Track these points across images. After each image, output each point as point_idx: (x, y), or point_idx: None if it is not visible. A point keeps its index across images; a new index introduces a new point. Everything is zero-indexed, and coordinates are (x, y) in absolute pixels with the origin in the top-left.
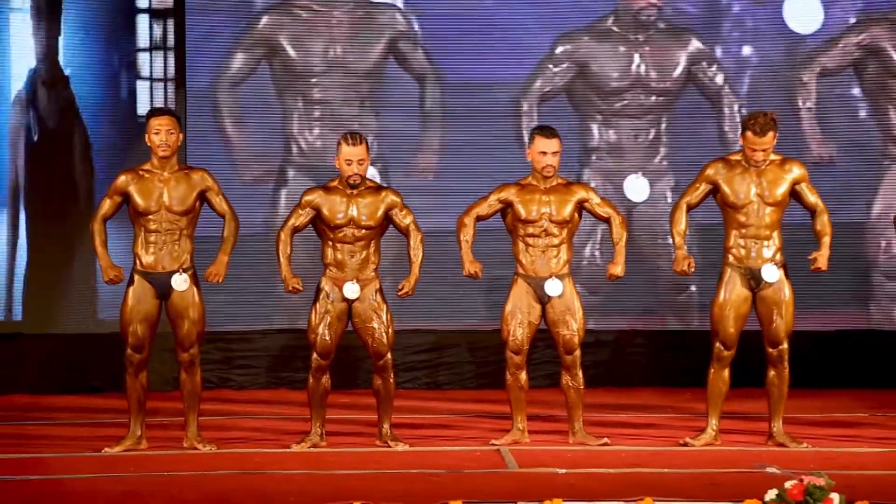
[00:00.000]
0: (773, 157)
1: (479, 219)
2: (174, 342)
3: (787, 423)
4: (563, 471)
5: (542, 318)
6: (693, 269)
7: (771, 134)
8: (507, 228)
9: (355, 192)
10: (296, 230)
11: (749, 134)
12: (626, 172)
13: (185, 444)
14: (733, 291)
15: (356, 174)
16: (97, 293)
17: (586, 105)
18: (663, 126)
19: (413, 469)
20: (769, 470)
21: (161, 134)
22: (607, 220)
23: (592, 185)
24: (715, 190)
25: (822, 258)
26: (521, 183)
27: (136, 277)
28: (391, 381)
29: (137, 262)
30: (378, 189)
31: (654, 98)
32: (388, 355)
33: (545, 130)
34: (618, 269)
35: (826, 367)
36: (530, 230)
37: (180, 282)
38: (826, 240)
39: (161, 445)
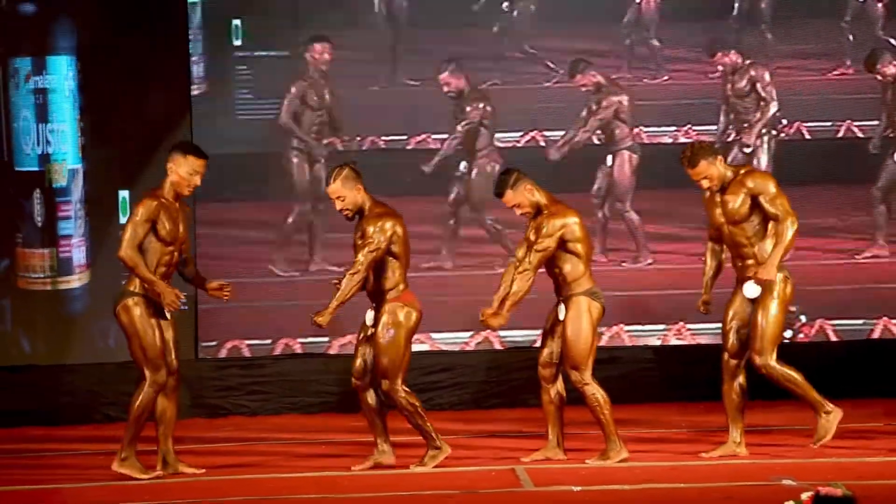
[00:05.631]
0: (741, 172)
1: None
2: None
3: (802, 434)
4: (579, 488)
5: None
6: (710, 312)
7: (703, 163)
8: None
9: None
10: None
11: (686, 169)
12: None
13: (168, 470)
14: (734, 303)
15: (341, 211)
16: (107, 322)
17: None
18: None
19: (428, 490)
20: (785, 482)
21: (197, 177)
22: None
23: None
24: None
25: (763, 269)
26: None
27: (143, 301)
28: (401, 403)
29: (141, 287)
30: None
31: None
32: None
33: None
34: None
35: (841, 377)
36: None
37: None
38: (774, 249)
39: (178, 474)
